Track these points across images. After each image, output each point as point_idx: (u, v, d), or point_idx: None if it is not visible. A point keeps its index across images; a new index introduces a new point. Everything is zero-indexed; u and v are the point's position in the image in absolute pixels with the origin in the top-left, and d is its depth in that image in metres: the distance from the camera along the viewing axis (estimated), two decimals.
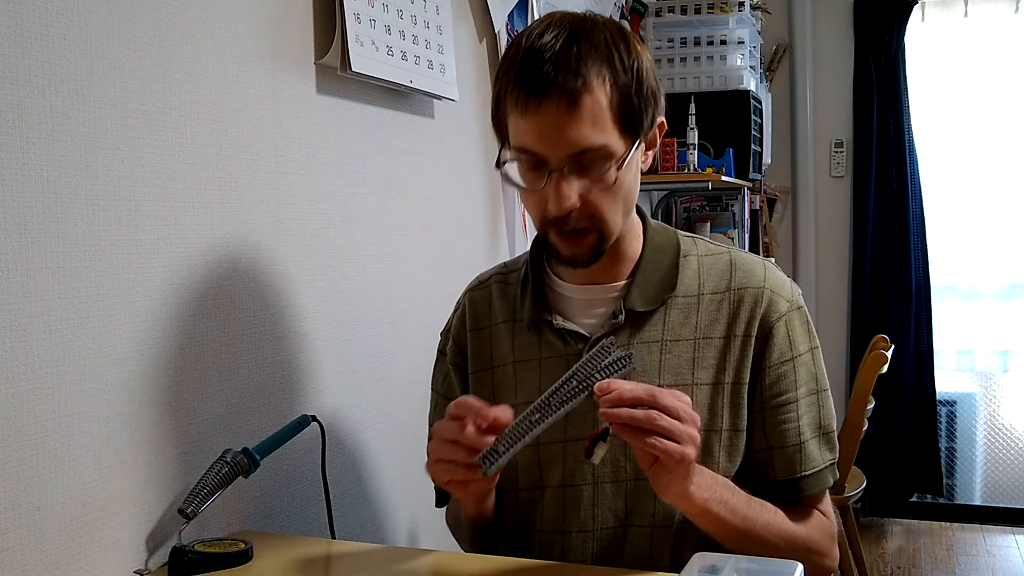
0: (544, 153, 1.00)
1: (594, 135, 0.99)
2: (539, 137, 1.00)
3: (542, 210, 1.04)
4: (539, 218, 1.06)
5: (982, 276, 3.83)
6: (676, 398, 0.92)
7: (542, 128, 0.99)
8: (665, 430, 0.90)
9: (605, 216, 1.04)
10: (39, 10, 0.95)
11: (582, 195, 1.01)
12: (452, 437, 0.94)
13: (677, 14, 3.15)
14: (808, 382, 1.12)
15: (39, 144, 0.95)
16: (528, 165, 1.03)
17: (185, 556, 1.05)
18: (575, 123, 0.98)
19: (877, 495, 3.83)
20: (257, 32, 1.28)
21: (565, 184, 1.00)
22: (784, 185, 3.94)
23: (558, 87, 0.97)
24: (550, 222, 1.05)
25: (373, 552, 1.20)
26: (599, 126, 0.99)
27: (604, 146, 1.00)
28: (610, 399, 0.90)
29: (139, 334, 1.08)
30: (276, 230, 1.32)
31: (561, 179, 1.00)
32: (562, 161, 1.00)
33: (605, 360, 0.94)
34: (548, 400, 0.93)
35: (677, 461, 0.91)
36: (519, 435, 0.91)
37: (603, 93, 0.99)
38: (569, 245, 1.06)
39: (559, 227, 1.05)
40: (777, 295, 1.12)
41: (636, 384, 0.92)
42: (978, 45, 3.74)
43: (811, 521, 1.12)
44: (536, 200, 1.04)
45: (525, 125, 1.00)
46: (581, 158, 1.00)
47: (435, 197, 1.75)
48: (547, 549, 1.13)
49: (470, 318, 1.22)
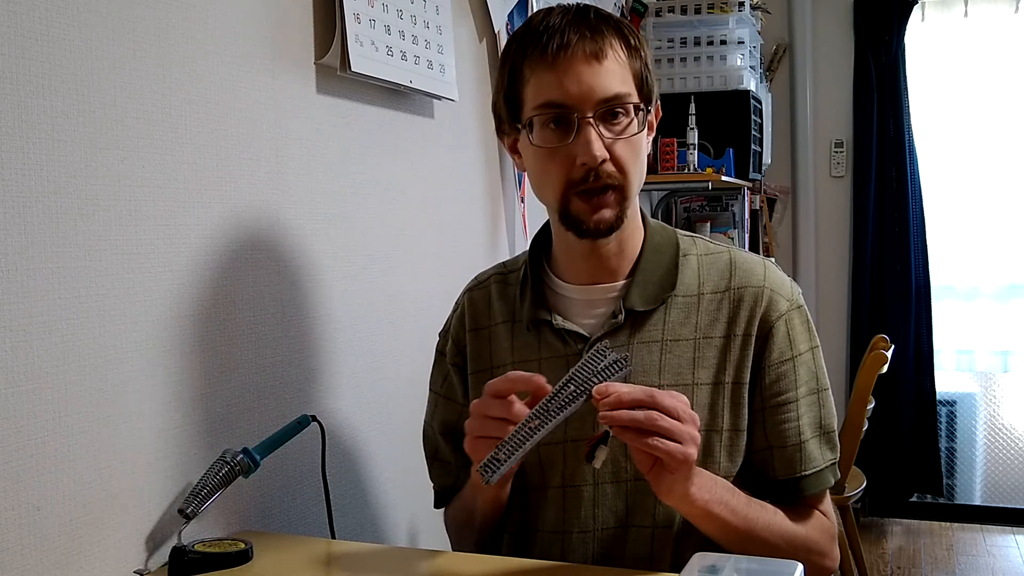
0: (574, 103, 1.03)
1: (620, 84, 1.04)
2: (568, 87, 1.02)
3: (568, 169, 1.05)
4: (564, 179, 1.06)
5: (982, 276, 3.83)
6: (675, 398, 0.92)
7: (571, 78, 1.02)
8: (666, 431, 0.90)
9: (628, 171, 1.06)
10: (39, 10, 0.95)
11: (609, 148, 1.04)
12: (498, 415, 0.94)
13: (677, 14, 3.15)
14: (808, 381, 1.11)
15: (39, 144, 0.95)
16: (552, 124, 1.05)
17: (185, 556, 1.05)
18: (603, 71, 1.03)
19: (877, 495, 3.83)
20: (257, 32, 1.28)
21: (596, 133, 1.02)
22: (784, 185, 3.94)
23: (583, 38, 1.03)
24: (576, 182, 1.05)
25: (373, 552, 1.20)
26: (623, 78, 1.05)
27: (629, 95, 1.05)
28: (609, 402, 0.90)
29: (139, 334, 1.08)
30: (276, 230, 1.32)
31: (592, 128, 1.02)
32: (592, 107, 1.02)
33: (601, 363, 0.94)
34: (547, 406, 0.92)
35: (680, 462, 0.91)
36: (520, 442, 0.91)
37: (621, 52, 1.05)
38: (593, 207, 1.06)
39: (585, 186, 1.05)
40: (777, 294, 1.12)
41: (634, 386, 0.92)
42: (978, 45, 3.74)
43: (811, 521, 1.11)
44: (561, 160, 1.05)
45: (551, 79, 1.03)
46: (610, 105, 1.03)
47: (435, 197, 1.75)
48: (548, 549, 1.13)
49: (469, 318, 1.21)
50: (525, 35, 1.06)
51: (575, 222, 1.07)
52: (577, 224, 1.07)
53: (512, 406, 0.94)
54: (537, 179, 1.11)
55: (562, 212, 1.08)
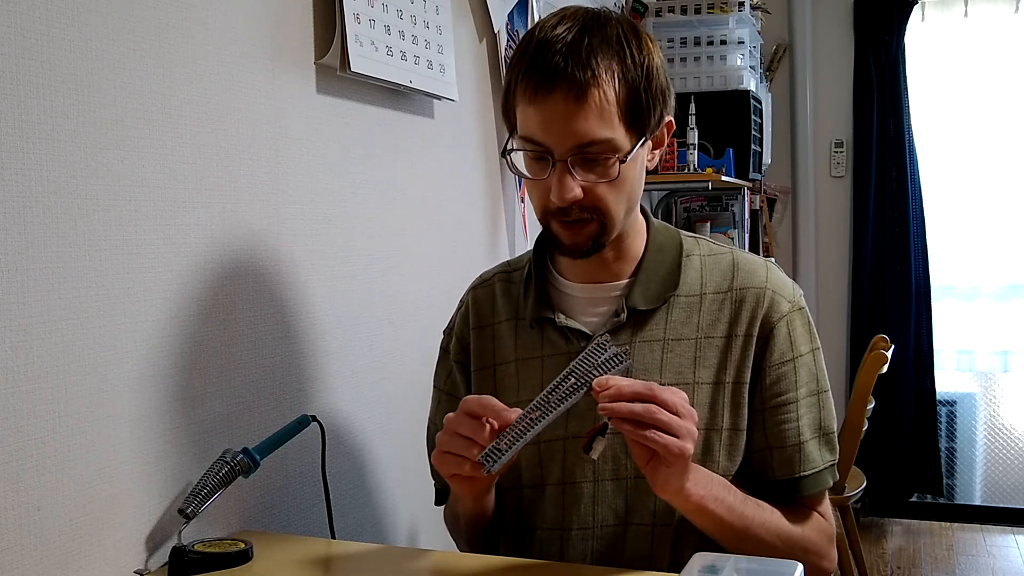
0: (549, 144, 1.01)
1: (600, 129, 1.00)
2: (545, 128, 1.01)
3: (545, 200, 1.05)
4: (541, 208, 1.07)
5: (982, 276, 3.83)
6: (674, 394, 0.92)
7: (549, 119, 1.00)
8: (664, 424, 0.90)
9: (607, 210, 1.05)
10: (39, 10, 0.95)
11: (585, 187, 1.02)
12: (467, 434, 0.94)
13: (677, 14, 3.15)
14: (809, 383, 1.12)
15: (39, 144, 0.95)
16: (533, 155, 1.04)
17: (185, 556, 1.05)
18: (581, 115, 0.99)
19: (877, 495, 3.83)
20: (257, 32, 1.28)
21: (568, 176, 1.01)
22: (784, 185, 3.94)
23: (567, 78, 0.98)
24: (552, 212, 1.06)
25: (373, 552, 1.20)
26: (605, 120, 1.00)
27: (609, 140, 1.01)
28: (609, 394, 0.91)
29: (139, 334, 1.08)
30: (276, 230, 1.32)
31: (565, 171, 1.01)
32: (566, 153, 1.01)
33: (601, 357, 0.95)
34: (547, 398, 0.93)
35: (676, 456, 0.91)
36: (520, 434, 0.92)
37: (611, 87, 1.00)
38: (570, 234, 1.06)
39: (561, 218, 1.05)
40: (779, 295, 1.12)
41: (634, 380, 0.93)
42: (978, 45, 3.74)
43: (809, 522, 1.12)
44: (540, 190, 1.05)
45: (532, 115, 1.01)
46: (586, 151, 1.01)
47: (435, 197, 1.75)
48: (547, 547, 1.13)
49: (473, 316, 1.22)
50: (525, 50, 1.03)
51: (556, 242, 1.09)
52: (558, 244, 1.09)
53: (483, 430, 0.94)
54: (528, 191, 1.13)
55: (545, 229, 1.10)
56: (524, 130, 1.04)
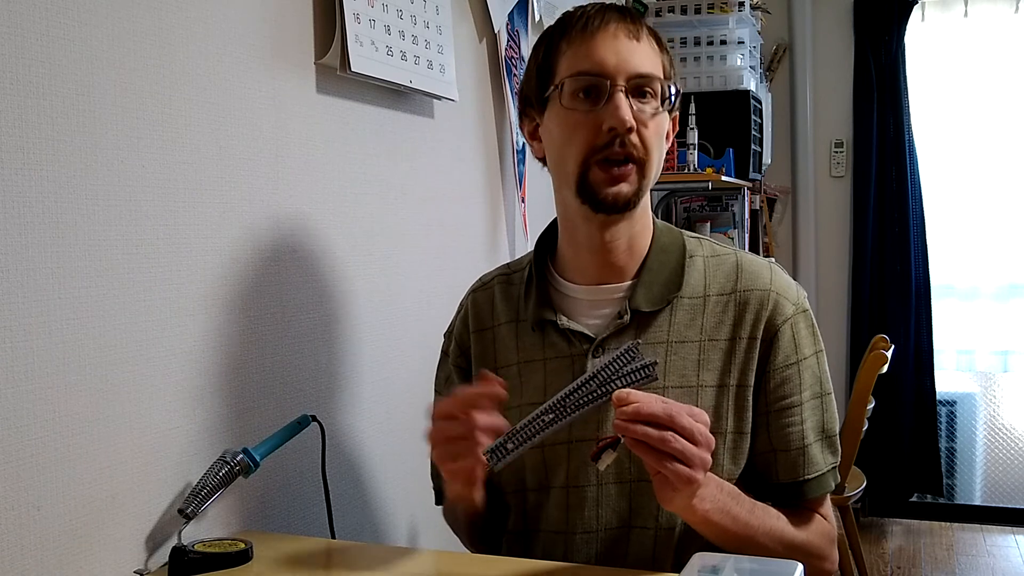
0: (609, 71, 1.05)
1: (653, 66, 1.07)
2: (604, 56, 1.05)
3: (594, 134, 1.05)
4: (587, 145, 1.06)
5: (982, 276, 3.83)
6: (694, 418, 0.90)
7: (608, 48, 1.05)
8: (678, 452, 0.89)
9: (649, 152, 1.07)
10: (39, 10, 0.95)
11: (636, 119, 1.05)
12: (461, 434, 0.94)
13: (677, 14, 3.15)
14: (812, 386, 1.11)
15: (39, 144, 0.95)
16: (583, 93, 1.06)
17: (185, 556, 1.05)
18: (638, 49, 1.06)
19: (877, 495, 3.83)
20: (257, 32, 1.28)
21: (627, 101, 1.05)
22: (784, 185, 3.94)
23: (624, 21, 1.07)
24: (600, 148, 1.05)
25: (373, 552, 1.20)
26: (655, 62, 1.08)
27: (659, 78, 1.07)
28: (627, 412, 0.89)
29: (139, 334, 1.08)
30: (276, 230, 1.31)
31: (624, 96, 1.05)
32: (626, 78, 1.05)
33: (629, 366, 0.92)
34: (563, 401, 0.91)
35: (684, 483, 0.90)
36: (530, 434, 0.90)
37: (654, 44, 1.09)
38: (612, 178, 1.06)
39: (608, 152, 1.05)
40: (783, 298, 1.11)
41: (655, 399, 0.90)
42: (978, 45, 3.74)
43: (812, 525, 1.11)
44: (588, 126, 1.05)
45: (588, 50, 1.06)
46: (640, 82, 1.06)
47: (435, 197, 1.75)
48: (551, 549, 1.13)
49: (473, 319, 1.21)
50: (564, 19, 1.10)
51: (591, 193, 1.07)
52: (593, 195, 1.07)
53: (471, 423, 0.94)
54: (559, 150, 1.10)
55: (580, 183, 1.07)
56: (577, 67, 1.06)
